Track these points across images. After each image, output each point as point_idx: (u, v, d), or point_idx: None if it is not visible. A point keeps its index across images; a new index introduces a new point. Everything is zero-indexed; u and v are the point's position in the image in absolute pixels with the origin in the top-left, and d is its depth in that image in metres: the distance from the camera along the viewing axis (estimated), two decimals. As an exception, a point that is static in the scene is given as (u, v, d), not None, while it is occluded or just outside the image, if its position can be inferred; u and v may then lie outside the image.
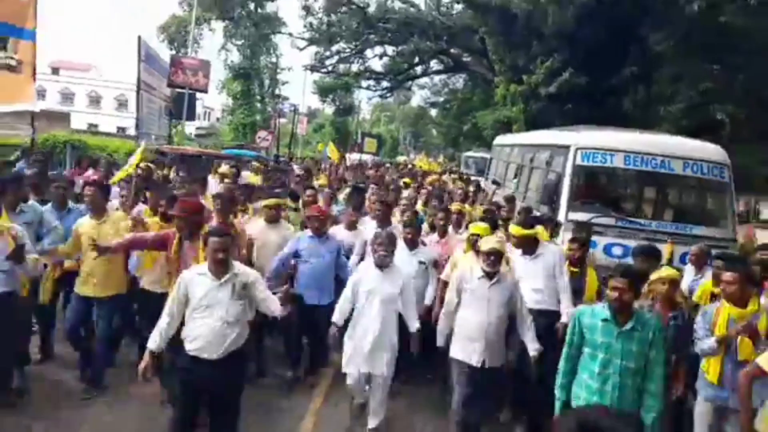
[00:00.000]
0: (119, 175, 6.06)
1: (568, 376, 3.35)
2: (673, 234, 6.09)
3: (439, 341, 4.20)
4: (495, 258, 3.91)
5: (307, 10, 24.13)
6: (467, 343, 3.99)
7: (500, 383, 4.19)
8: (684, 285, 4.68)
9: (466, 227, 5.56)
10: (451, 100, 33.73)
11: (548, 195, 6.61)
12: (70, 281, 4.57)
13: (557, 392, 3.38)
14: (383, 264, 4.15)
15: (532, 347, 3.99)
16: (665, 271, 4.02)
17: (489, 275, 3.95)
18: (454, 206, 6.27)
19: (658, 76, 12.36)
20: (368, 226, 5.53)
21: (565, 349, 3.37)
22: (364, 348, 4.11)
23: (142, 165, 6.57)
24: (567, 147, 6.63)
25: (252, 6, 27.56)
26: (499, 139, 12.11)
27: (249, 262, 4.59)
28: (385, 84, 29.62)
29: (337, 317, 4.24)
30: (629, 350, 3.16)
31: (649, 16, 11.54)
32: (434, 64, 29.01)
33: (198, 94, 19.72)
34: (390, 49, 25.80)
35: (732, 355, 3.44)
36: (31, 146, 11.58)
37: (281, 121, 35.41)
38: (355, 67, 28.31)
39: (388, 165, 22.81)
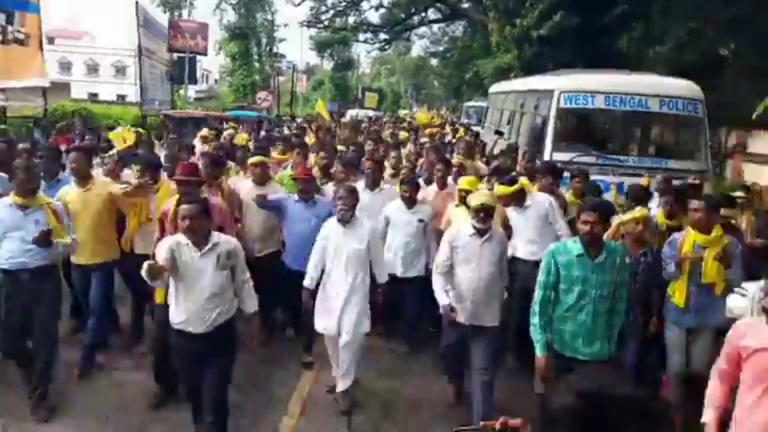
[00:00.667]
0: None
1: (545, 315, 3.38)
2: (650, 168, 6.57)
3: (441, 299, 3.89)
4: (485, 214, 3.72)
5: None
6: (458, 301, 3.84)
7: (491, 344, 3.87)
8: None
9: None
10: (451, 49, 33.34)
11: (534, 137, 7.09)
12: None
13: (536, 334, 3.37)
14: (345, 219, 4.03)
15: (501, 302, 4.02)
16: (638, 212, 4.11)
17: (480, 232, 3.78)
18: (455, 159, 6.21)
19: (650, 12, 12.50)
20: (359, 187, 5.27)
21: (540, 292, 3.37)
22: (335, 308, 4.02)
23: (129, 134, 6.57)
24: (551, 91, 7.06)
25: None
26: (494, 87, 12.43)
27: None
28: (383, 36, 29.50)
29: (307, 281, 4.13)
30: (602, 280, 3.27)
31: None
32: (431, 13, 28.74)
33: (197, 57, 19.89)
34: (386, 0, 25.58)
35: (695, 278, 3.67)
36: (44, 117, 12.20)
37: (280, 80, 35.48)
38: (351, 20, 28.17)
39: (386, 120, 22.63)
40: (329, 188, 5.26)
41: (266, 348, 4.76)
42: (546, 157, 6.73)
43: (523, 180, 4.94)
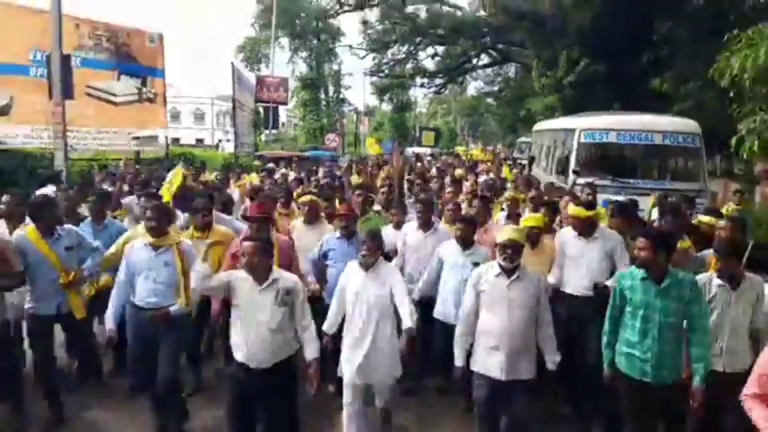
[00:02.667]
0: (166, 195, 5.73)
1: (613, 335, 3.43)
2: (654, 189, 8.28)
3: (457, 360, 3.63)
4: (513, 250, 3.44)
5: (365, 23, 27.10)
6: (487, 352, 3.51)
7: (527, 398, 3.54)
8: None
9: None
10: (504, 89, 35.42)
11: (561, 166, 8.97)
12: (105, 298, 4.07)
13: (604, 351, 3.48)
14: (367, 264, 3.82)
15: (550, 359, 3.57)
16: (679, 244, 4.03)
17: (507, 271, 3.48)
18: (508, 194, 6.28)
19: (676, 58, 14.15)
20: (409, 227, 5.10)
21: (608, 312, 3.45)
22: (358, 358, 3.77)
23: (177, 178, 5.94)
24: (574, 129, 8.97)
25: (315, 23, 30.78)
26: (536, 126, 14.35)
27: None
28: (438, 81, 31.97)
29: (327, 326, 3.96)
30: (667, 306, 3.27)
31: (660, 8, 13.43)
32: (484, 57, 31.06)
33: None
34: (441, 50, 28.23)
35: None
36: (165, 157, 15.13)
37: (344, 122, 38.61)
38: (409, 67, 30.88)
39: (438, 157, 23.20)
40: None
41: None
42: (570, 180, 8.59)
43: (601, 209, 4.92)
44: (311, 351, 3.41)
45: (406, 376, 4.11)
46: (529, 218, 4.71)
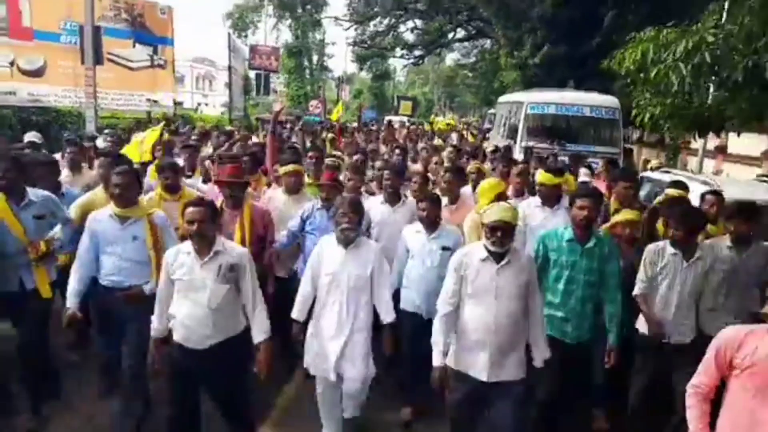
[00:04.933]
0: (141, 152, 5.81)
1: None
2: (582, 151, 10.62)
3: (436, 359, 3.04)
4: (503, 233, 2.91)
5: None
6: (469, 348, 3.02)
7: (516, 405, 3.01)
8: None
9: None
10: (479, 61, 37.23)
11: (512, 132, 11.26)
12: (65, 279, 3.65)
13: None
14: (348, 240, 3.35)
15: (539, 356, 3.09)
16: (626, 215, 3.95)
17: (495, 256, 2.96)
18: (471, 166, 5.79)
19: (620, 42, 16.45)
20: (374, 201, 4.63)
21: None
22: (331, 349, 3.36)
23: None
24: (522, 102, 11.23)
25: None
26: (499, 99, 16.60)
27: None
28: (417, 53, 33.75)
29: (296, 312, 3.48)
30: (591, 266, 3.34)
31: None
32: (460, 31, 32.87)
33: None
34: (420, 23, 30.03)
35: None
36: (174, 117, 16.88)
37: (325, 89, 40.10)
38: (390, 39, 32.51)
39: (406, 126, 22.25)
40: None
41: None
42: (519, 144, 10.87)
43: (569, 176, 4.96)
44: (259, 332, 3.07)
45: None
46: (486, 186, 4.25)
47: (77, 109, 13.29)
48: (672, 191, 4.82)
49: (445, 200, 4.32)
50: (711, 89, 8.03)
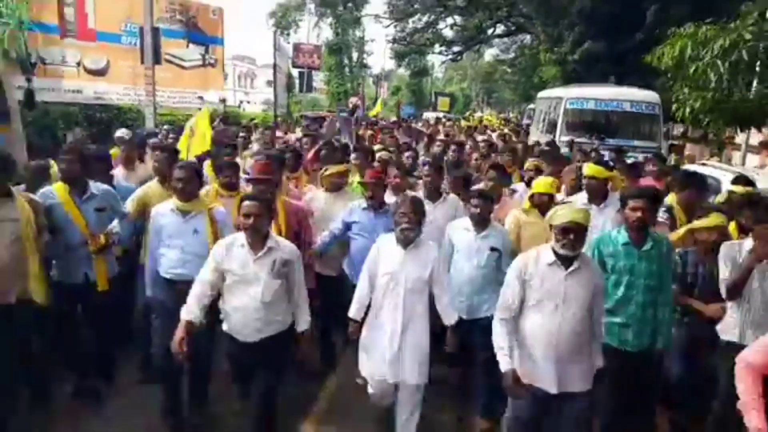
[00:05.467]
0: (193, 147, 5.51)
1: None
2: (622, 146, 10.75)
3: (502, 361, 2.87)
4: (576, 235, 2.77)
5: None
6: (534, 359, 2.87)
7: (582, 417, 2.94)
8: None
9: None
10: (519, 56, 37.05)
11: (551, 126, 11.48)
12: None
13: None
14: (407, 240, 3.27)
15: (596, 363, 2.98)
16: (714, 219, 3.66)
17: (564, 260, 2.82)
18: (529, 163, 5.54)
19: (663, 37, 16.37)
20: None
21: None
22: (387, 352, 3.29)
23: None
24: (561, 98, 11.44)
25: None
26: (539, 95, 16.74)
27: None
28: (456, 49, 33.89)
29: (353, 311, 3.44)
30: (650, 269, 3.18)
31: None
32: (500, 26, 32.83)
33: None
34: (459, 20, 30.17)
35: None
36: (225, 116, 17.73)
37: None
38: (428, 36, 32.78)
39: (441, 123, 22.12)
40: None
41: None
42: (558, 139, 11.08)
43: (616, 172, 4.73)
44: (303, 322, 3.21)
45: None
46: (539, 183, 4.15)
47: (137, 107, 14.18)
48: (738, 188, 4.48)
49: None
50: (755, 83, 8.14)
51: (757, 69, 7.62)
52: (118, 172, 5.11)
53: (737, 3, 9.52)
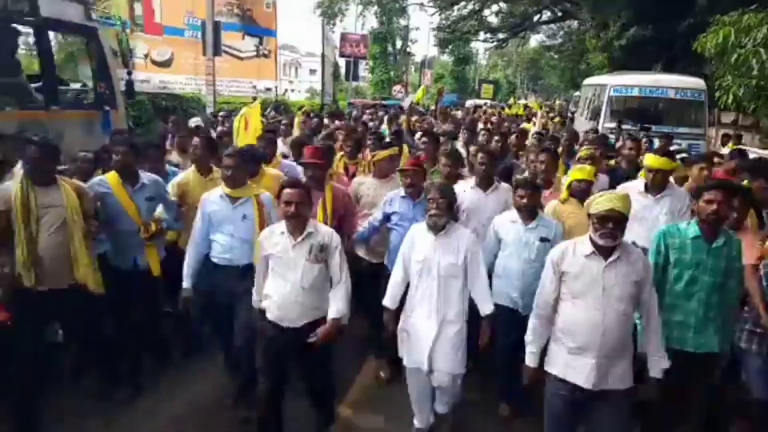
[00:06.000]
0: (243, 136, 5.29)
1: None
2: (667, 132, 10.91)
3: (530, 359, 2.93)
4: (615, 224, 2.64)
5: None
6: (571, 353, 2.76)
7: (620, 417, 2.79)
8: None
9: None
10: (565, 42, 36.57)
11: (595, 113, 11.72)
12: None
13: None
14: (437, 226, 3.27)
15: (657, 364, 2.81)
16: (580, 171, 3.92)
17: (603, 251, 2.69)
18: (584, 151, 5.19)
19: (711, 25, 16.14)
20: (465, 185, 4.35)
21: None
22: (424, 339, 3.29)
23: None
24: (605, 85, 11.65)
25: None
26: (584, 82, 16.81)
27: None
28: (501, 36, 33.81)
29: (388, 300, 3.47)
30: (718, 266, 3.02)
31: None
32: (546, 12, 32.54)
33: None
34: (504, 6, 30.13)
35: None
36: (276, 104, 18.62)
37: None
38: (473, 23, 32.84)
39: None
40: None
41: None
42: (601, 125, 11.32)
43: (678, 163, 4.54)
44: (334, 310, 3.14)
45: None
46: (576, 170, 4.10)
47: (197, 95, 15.18)
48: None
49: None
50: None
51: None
52: (174, 157, 5.31)
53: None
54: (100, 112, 6.69)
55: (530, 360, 2.94)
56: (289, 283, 3.11)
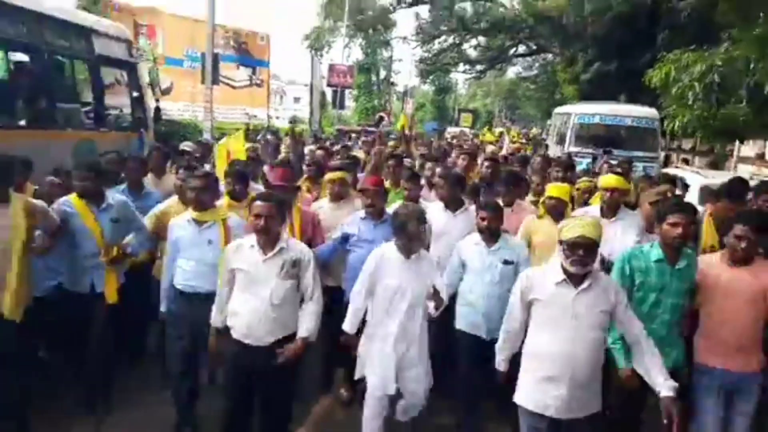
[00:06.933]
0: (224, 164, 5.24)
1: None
2: (625, 156, 12.16)
3: (500, 364, 3.01)
4: (585, 252, 2.58)
5: (417, 16, 31.50)
6: (542, 384, 2.68)
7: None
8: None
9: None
10: (540, 74, 38.49)
11: (562, 138, 13.00)
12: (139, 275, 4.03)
13: (615, 345, 2.98)
14: (410, 250, 3.18)
15: (666, 385, 2.61)
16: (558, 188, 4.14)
17: (574, 279, 2.63)
18: (583, 183, 5.20)
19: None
20: (433, 207, 4.37)
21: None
22: (390, 361, 3.22)
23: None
24: (570, 113, 12.99)
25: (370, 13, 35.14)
26: (554, 111, 18.26)
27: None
28: (479, 67, 35.58)
29: (348, 325, 3.33)
30: (680, 288, 3.04)
31: (659, 19, 17.05)
32: (522, 47, 34.47)
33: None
34: (483, 40, 31.96)
35: None
36: (267, 129, 19.65)
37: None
38: (454, 55, 34.58)
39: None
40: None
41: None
42: (566, 149, 12.56)
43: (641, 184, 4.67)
44: (306, 329, 3.06)
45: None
46: (553, 188, 4.18)
47: (194, 121, 16.16)
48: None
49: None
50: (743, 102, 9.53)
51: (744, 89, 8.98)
52: (149, 179, 5.14)
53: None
54: (137, 134, 7.88)
55: (501, 366, 3.04)
56: (258, 298, 2.99)
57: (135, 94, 8.11)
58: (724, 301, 3.03)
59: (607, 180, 4.22)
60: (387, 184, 4.80)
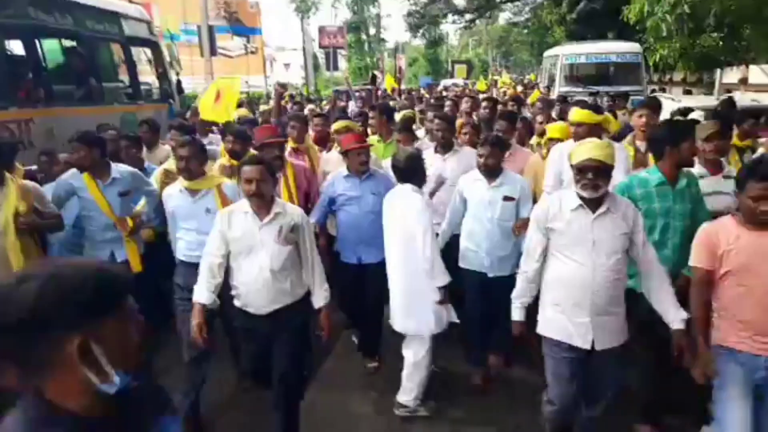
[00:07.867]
0: (216, 114, 5.51)
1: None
2: (611, 91, 12.76)
3: (516, 314, 2.87)
4: (596, 174, 2.51)
5: None
6: (565, 312, 2.65)
7: (613, 370, 2.75)
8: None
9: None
10: (531, 18, 38.21)
11: (551, 80, 13.56)
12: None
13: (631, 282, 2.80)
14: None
15: (677, 318, 2.56)
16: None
17: (590, 203, 2.57)
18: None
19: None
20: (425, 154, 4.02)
21: None
22: (394, 301, 3.35)
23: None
24: (558, 55, 13.50)
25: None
26: (544, 54, 18.65)
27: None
28: (468, 16, 35.38)
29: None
30: (685, 209, 2.97)
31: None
32: (509, -8, 34.20)
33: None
34: (470, -11, 31.73)
35: None
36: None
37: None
38: (441, 6, 34.36)
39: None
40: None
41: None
42: (557, 90, 13.15)
43: (608, 115, 4.57)
44: (320, 298, 3.05)
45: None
46: (553, 128, 4.33)
47: (194, 93, 16.70)
48: None
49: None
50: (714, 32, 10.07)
51: (711, 18, 9.55)
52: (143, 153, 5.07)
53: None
54: (166, 105, 8.81)
55: (517, 315, 2.88)
56: (257, 267, 2.89)
57: (160, 69, 8.99)
58: (755, 268, 2.42)
59: (574, 114, 4.02)
60: (376, 137, 5.13)
